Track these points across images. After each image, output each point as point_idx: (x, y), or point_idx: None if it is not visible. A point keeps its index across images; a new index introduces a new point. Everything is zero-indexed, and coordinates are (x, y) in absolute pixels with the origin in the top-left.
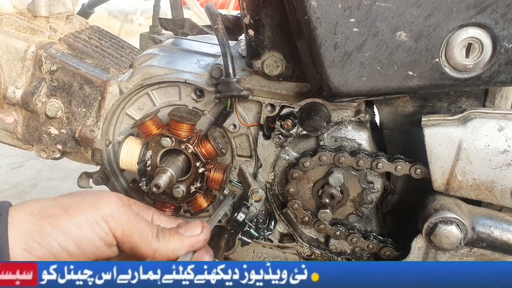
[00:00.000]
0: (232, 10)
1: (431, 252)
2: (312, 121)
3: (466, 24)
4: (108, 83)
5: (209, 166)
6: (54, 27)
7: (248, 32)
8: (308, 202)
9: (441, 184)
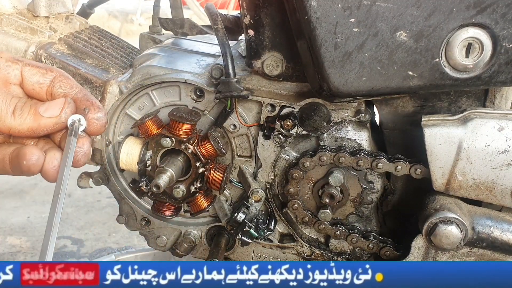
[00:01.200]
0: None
1: (431, 252)
2: (312, 121)
3: (466, 24)
4: (108, 83)
5: (209, 166)
6: (54, 27)
7: (248, 32)
8: (308, 202)
9: (441, 184)
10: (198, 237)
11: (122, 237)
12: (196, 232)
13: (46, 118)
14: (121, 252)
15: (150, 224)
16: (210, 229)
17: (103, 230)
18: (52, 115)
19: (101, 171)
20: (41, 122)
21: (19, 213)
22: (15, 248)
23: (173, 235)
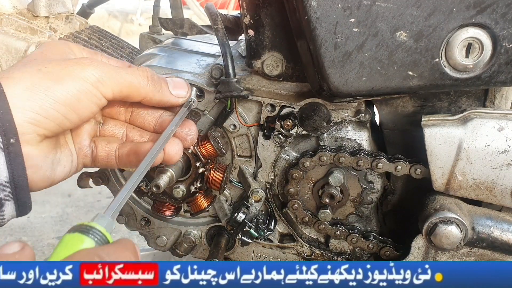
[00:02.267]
0: (232, 10)
1: (431, 252)
2: (312, 121)
3: (466, 24)
4: None
5: (209, 166)
6: (54, 27)
7: (248, 32)
8: (308, 202)
9: (441, 184)
10: (198, 237)
11: (122, 237)
12: (196, 232)
13: (174, 97)
14: None
15: (150, 224)
16: (210, 229)
17: None
18: (180, 95)
19: (101, 171)
20: (171, 98)
21: None
22: None
23: (173, 235)
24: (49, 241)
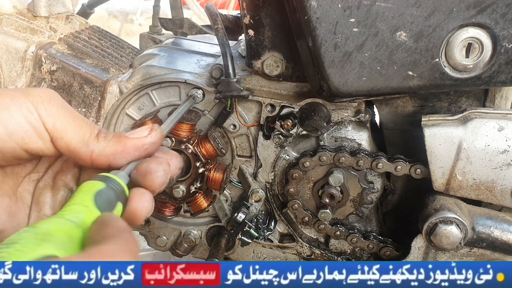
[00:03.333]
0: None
1: (431, 252)
2: (312, 121)
3: (466, 24)
4: (108, 83)
5: (209, 166)
6: (54, 27)
7: (248, 32)
8: (308, 202)
9: (441, 184)
10: (198, 237)
11: None
12: (196, 232)
13: (133, 139)
14: None
15: (150, 224)
16: (210, 229)
17: None
18: (140, 135)
19: None
20: (127, 143)
21: None
22: None
23: (173, 235)
24: None
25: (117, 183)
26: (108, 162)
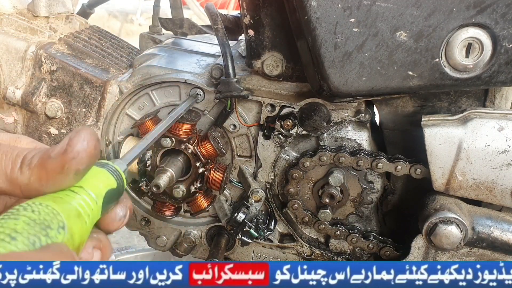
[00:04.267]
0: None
1: (431, 252)
2: (312, 121)
3: (466, 24)
4: (108, 83)
5: (209, 166)
6: (54, 27)
7: (248, 32)
8: (308, 202)
9: (441, 184)
10: (198, 237)
11: (122, 237)
12: (196, 232)
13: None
14: (121, 252)
15: (150, 224)
16: (210, 229)
17: None
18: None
19: None
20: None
21: None
22: None
23: (173, 235)
24: None
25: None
26: (41, 192)
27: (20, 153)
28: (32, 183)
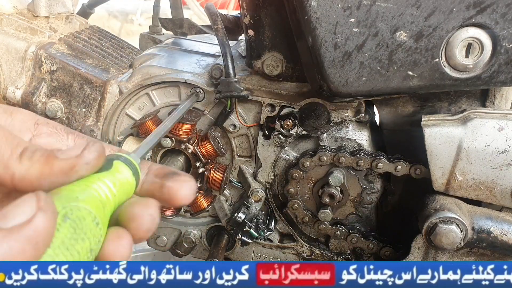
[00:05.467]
0: (232, 10)
1: (431, 252)
2: (312, 121)
3: (466, 24)
4: (108, 83)
5: (209, 166)
6: (54, 27)
7: (248, 32)
8: (308, 202)
9: (441, 184)
10: (198, 237)
11: None
12: (196, 232)
13: (61, 160)
14: None
15: None
16: (210, 229)
17: None
18: (70, 155)
19: None
20: (55, 165)
21: None
22: None
23: (173, 235)
24: None
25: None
26: (32, 187)
27: (21, 143)
28: (30, 175)
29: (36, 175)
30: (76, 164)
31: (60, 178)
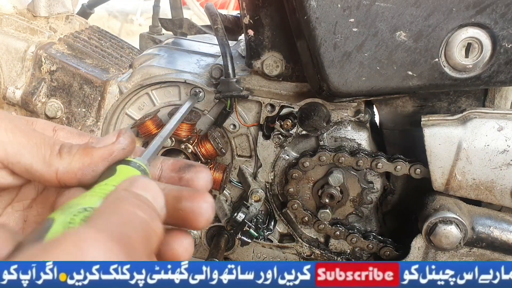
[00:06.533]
0: (232, 10)
1: (431, 252)
2: (311, 121)
3: (466, 24)
4: (108, 83)
5: (208, 166)
6: (54, 27)
7: (248, 32)
8: (308, 202)
9: (440, 184)
10: (198, 237)
11: None
12: (196, 232)
13: (99, 149)
14: None
15: None
16: (210, 229)
17: None
18: (107, 143)
19: None
20: (94, 154)
21: None
22: None
23: None
24: None
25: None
26: (76, 179)
27: (57, 141)
28: (72, 167)
29: (79, 166)
30: (114, 150)
31: (100, 165)
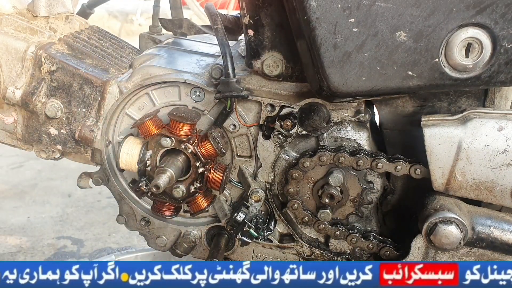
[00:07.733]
0: (232, 10)
1: (431, 252)
2: (311, 121)
3: (466, 24)
4: (107, 83)
5: (208, 166)
6: (54, 27)
7: (248, 32)
8: (308, 202)
9: (441, 184)
10: (198, 237)
11: (122, 237)
12: (196, 232)
13: None
14: (121, 252)
15: (150, 224)
16: (210, 229)
17: (103, 230)
18: None
19: (101, 171)
20: None
21: (19, 213)
22: (15, 248)
23: (173, 235)
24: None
25: None
26: None
27: None
28: None
29: None
30: None
31: None
